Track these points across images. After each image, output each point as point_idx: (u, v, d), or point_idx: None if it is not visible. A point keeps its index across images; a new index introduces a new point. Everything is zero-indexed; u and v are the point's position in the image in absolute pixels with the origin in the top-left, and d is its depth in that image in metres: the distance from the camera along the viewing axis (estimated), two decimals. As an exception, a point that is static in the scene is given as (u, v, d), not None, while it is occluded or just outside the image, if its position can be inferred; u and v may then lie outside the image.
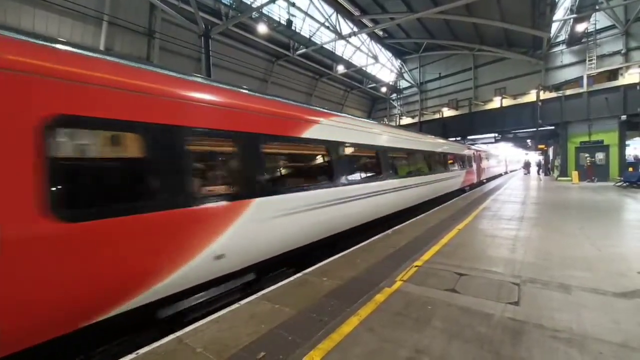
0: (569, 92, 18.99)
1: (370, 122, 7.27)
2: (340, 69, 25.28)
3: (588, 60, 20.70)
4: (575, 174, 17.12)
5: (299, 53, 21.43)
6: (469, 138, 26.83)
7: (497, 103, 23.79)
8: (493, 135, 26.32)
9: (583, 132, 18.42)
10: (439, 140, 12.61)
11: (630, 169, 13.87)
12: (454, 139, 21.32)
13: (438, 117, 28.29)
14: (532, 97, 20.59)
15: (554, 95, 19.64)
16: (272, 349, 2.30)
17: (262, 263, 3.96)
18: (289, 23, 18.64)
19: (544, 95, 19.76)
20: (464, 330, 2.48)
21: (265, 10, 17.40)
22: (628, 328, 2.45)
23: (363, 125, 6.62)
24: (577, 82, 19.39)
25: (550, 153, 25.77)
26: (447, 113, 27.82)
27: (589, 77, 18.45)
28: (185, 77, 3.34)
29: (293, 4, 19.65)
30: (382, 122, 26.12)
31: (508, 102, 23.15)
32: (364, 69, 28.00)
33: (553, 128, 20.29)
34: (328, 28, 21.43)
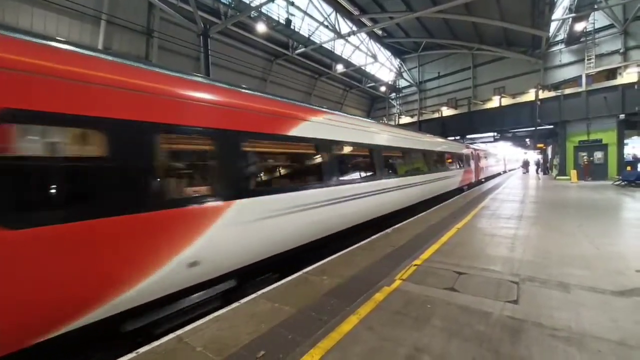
0: (568, 91, 19.04)
1: (362, 119, 7.06)
2: (340, 68, 25.25)
3: (587, 60, 20.72)
4: (574, 173, 17.17)
5: (298, 52, 21.40)
6: (468, 137, 26.87)
7: (496, 102, 23.82)
8: (492, 135, 26.37)
9: (582, 131, 18.46)
10: (436, 139, 12.47)
11: (629, 168, 13.91)
12: (453, 138, 21.38)
13: (437, 116, 28.33)
14: (531, 96, 20.62)
15: (553, 95, 19.68)
16: (272, 348, 2.30)
17: (246, 268, 3.73)
18: (288, 22, 18.62)
19: (543, 95, 19.78)
20: (463, 329, 2.49)
21: (264, 10, 17.37)
22: (626, 326, 2.47)
23: (354, 123, 6.37)
24: (575, 81, 19.44)
25: (549, 152, 25.84)
26: (446, 112, 27.86)
27: (588, 76, 18.50)
28: (151, 67, 3.07)
29: (292, 3, 19.60)
30: (380, 121, 26.20)
31: (507, 101, 23.19)
32: (363, 68, 27.97)
33: (552, 127, 20.33)
34: (327, 27, 21.38)
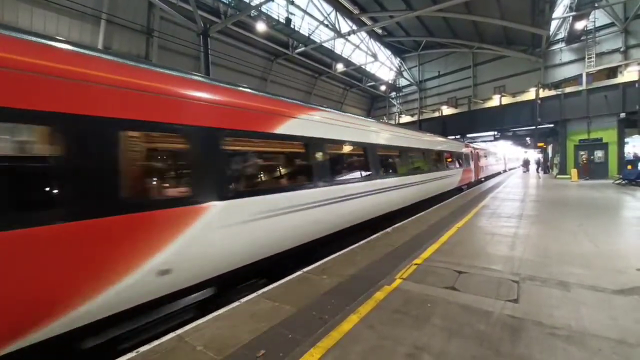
0: (568, 89, 19.03)
1: (354, 116, 6.81)
2: (340, 68, 25.22)
3: (587, 58, 20.68)
4: (574, 172, 17.16)
5: (298, 51, 21.37)
6: (469, 136, 26.85)
7: (496, 101, 23.81)
8: (492, 134, 26.35)
9: (582, 129, 18.44)
10: (433, 138, 12.29)
11: (629, 167, 13.89)
12: (454, 137, 21.36)
13: (437, 115, 28.34)
14: (531, 95, 20.60)
15: (553, 93, 19.67)
16: (272, 347, 2.30)
17: (227, 274, 3.49)
18: (288, 21, 18.60)
19: (543, 93, 19.77)
20: (464, 328, 2.49)
21: (264, 9, 17.35)
22: (626, 325, 2.47)
23: (346, 120, 6.10)
24: (576, 79, 19.44)
25: (550, 151, 25.82)
26: (446, 111, 27.87)
27: (588, 74, 18.49)
28: (112, 58, 2.76)
29: (292, 2, 19.60)
30: (381, 120, 26.18)
31: (507, 100, 23.18)
32: (363, 67, 27.94)
33: (552, 126, 20.31)
34: (327, 26, 21.37)
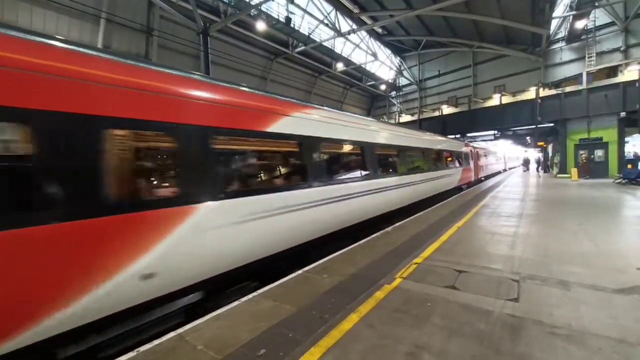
0: (569, 89, 19.02)
1: (351, 115, 6.66)
2: (340, 67, 25.21)
3: (587, 57, 20.67)
4: (575, 171, 17.15)
5: (298, 50, 21.35)
6: (469, 135, 26.85)
7: (496, 100, 23.78)
8: (492, 133, 26.35)
9: (582, 129, 18.44)
10: (432, 137, 12.16)
11: (629, 166, 13.87)
12: (453, 137, 21.34)
13: (437, 114, 28.30)
14: (531, 94, 20.58)
15: (554, 93, 19.66)
16: (272, 346, 2.31)
17: (217, 277, 3.38)
18: (288, 20, 18.59)
19: (544, 93, 19.76)
20: (464, 327, 2.49)
21: (264, 8, 17.32)
22: (626, 324, 2.47)
23: (342, 119, 5.98)
24: (576, 79, 19.43)
25: (550, 150, 25.82)
26: (446, 110, 27.83)
27: (589, 74, 18.48)
28: (89, 51, 2.56)
29: (292, 1, 19.58)
30: (381, 119, 26.17)
31: (507, 99, 23.15)
32: (363, 67, 27.93)
33: (552, 125, 20.30)
34: (327, 25, 21.34)
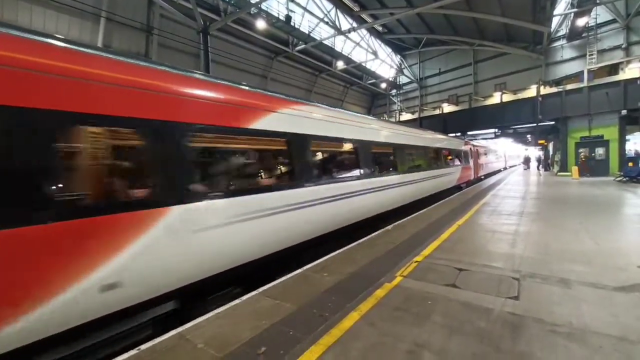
0: (570, 87, 18.93)
1: (343, 111, 6.36)
2: (340, 65, 25.17)
3: (588, 55, 20.60)
4: (575, 169, 17.12)
5: (298, 49, 21.32)
6: (469, 134, 26.80)
7: (497, 98, 23.70)
8: (493, 131, 26.30)
9: (583, 127, 18.38)
10: (431, 135, 12.02)
11: (630, 164, 13.83)
12: (454, 135, 21.31)
13: (438, 112, 28.23)
14: (532, 92, 20.52)
15: (554, 90, 19.57)
16: (273, 344, 2.31)
17: (195, 285, 3.17)
18: (288, 19, 18.54)
19: (544, 90, 19.69)
20: (464, 325, 2.49)
21: (264, 6, 17.29)
22: (627, 322, 2.46)
23: (334, 116, 5.73)
24: (577, 76, 19.33)
25: (550, 148, 25.77)
26: (447, 109, 27.75)
27: (590, 71, 18.39)
28: (26, 35, 2.33)
29: (292, 0, 19.53)
30: (381, 117, 26.14)
31: (508, 97, 23.07)
32: (364, 65, 27.89)
33: (553, 123, 20.25)
34: (327, 24, 21.30)
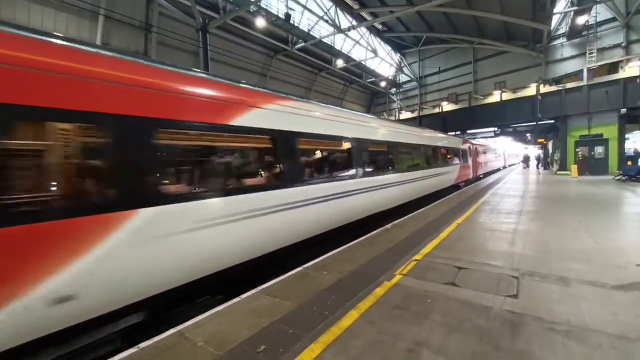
0: (569, 85, 18.91)
1: (334, 107, 6.16)
2: (340, 63, 25.12)
3: (588, 53, 20.59)
4: (575, 168, 17.14)
5: (298, 47, 21.27)
6: (469, 132, 26.81)
7: (496, 97, 23.67)
8: (493, 130, 26.30)
9: (583, 125, 18.37)
10: (428, 134, 11.87)
11: (629, 163, 13.85)
12: (454, 133, 21.30)
13: (438, 111, 28.21)
14: (532, 90, 20.50)
15: (554, 89, 19.55)
16: (272, 342, 2.31)
17: (166, 294, 2.95)
18: (287, 17, 18.47)
19: (544, 89, 19.66)
20: (463, 323, 2.50)
21: (263, 4, 17.23)
22: (626, 320, 2.47)
23: (324, 112, 5.55)
24: (577, 75, 19.30)
25: (550, 147, 25.78)
26: (446, 107, 27.72)
27: (589, 70, 18.36)
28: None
29: (291, -3, 19.48)
30: (381, 116, 26.10)
31: (508, 95, 23.05)
32: (363, 63, 27.84)
33: (553, 122, 20.24)
34: (327, 22, 21.24)
